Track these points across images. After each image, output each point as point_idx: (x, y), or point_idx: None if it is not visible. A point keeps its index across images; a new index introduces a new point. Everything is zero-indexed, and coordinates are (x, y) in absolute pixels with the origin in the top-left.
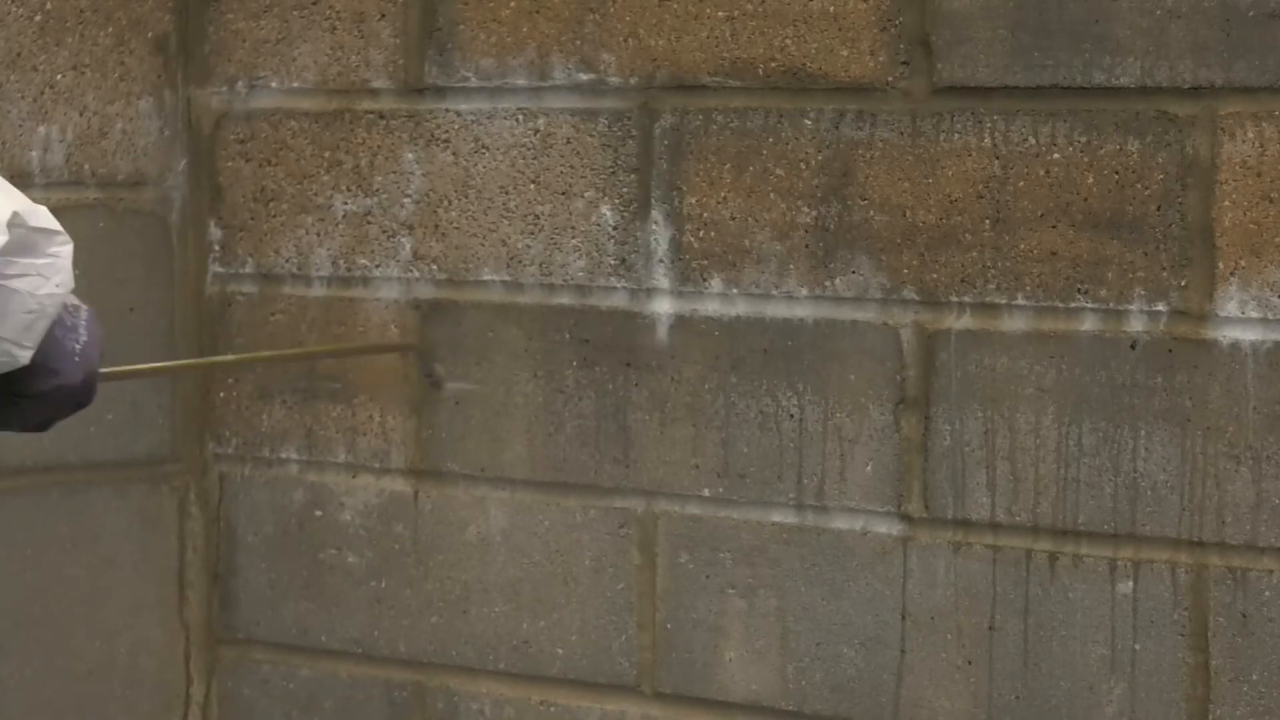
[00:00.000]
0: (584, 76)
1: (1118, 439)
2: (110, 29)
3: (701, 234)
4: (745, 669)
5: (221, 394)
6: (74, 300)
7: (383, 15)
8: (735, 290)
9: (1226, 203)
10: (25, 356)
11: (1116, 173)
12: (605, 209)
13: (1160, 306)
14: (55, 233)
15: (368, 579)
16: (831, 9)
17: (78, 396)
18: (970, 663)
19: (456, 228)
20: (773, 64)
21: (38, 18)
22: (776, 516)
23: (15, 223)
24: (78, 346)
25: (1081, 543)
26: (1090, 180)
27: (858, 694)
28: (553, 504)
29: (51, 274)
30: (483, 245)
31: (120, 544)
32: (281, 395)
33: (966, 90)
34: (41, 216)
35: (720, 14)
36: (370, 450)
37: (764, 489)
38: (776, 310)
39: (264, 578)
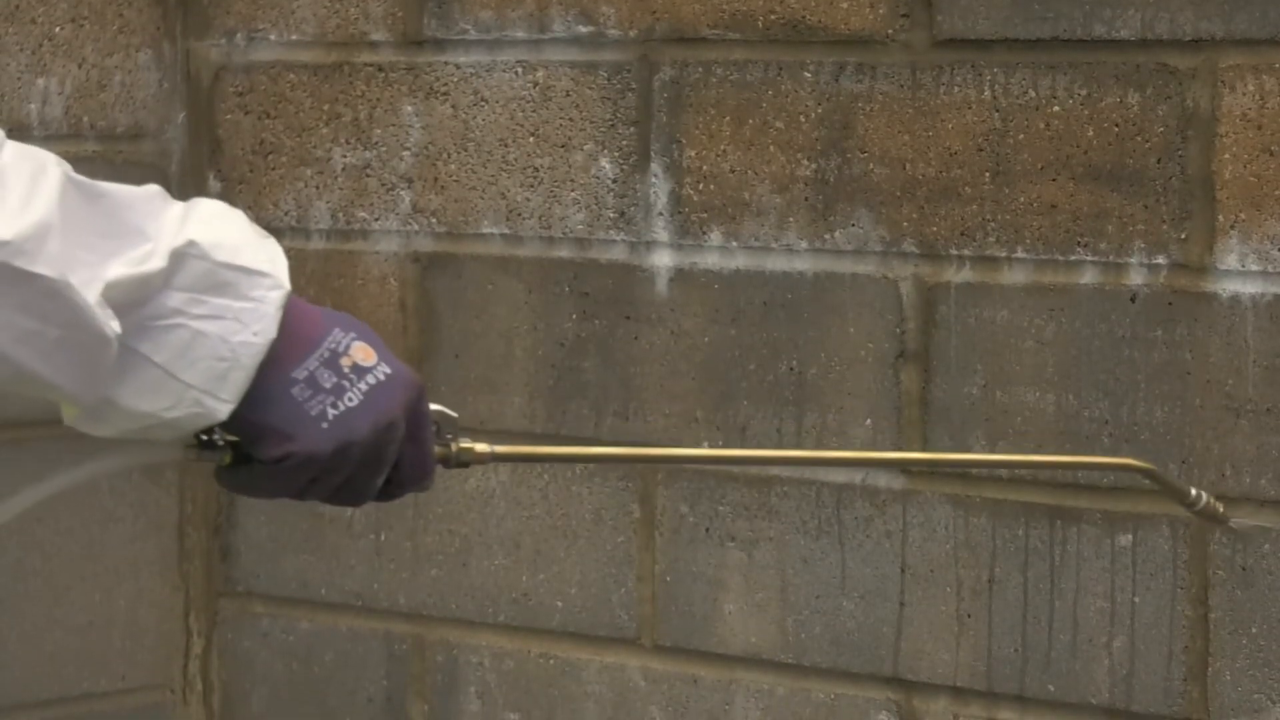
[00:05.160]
0: (583, 29)
1: (1117, 392)
2: None
3: (701, 187)
4: (745, 622)
5: None
6: (365, 360)
7: None
8: (735, 243)
9: (1227, 155)
10: (223, 410)
11: (1116, 125)
12: (605, 162)
13: (1160, 259)
14: (260, 274)
15: (367, 532)
16: None
17: (348, 469)
18: (970, 616)
19: (456, 180)
20: (772, 16)
21: None
22: (776, 469)
23: (193, 253)
24: (333, 411)
25: (1081, 496)
26: (1090, 133)
27: (857, 647)
28: None
29: (250, 320)
30: (482, 198)
31: (120, 497)
32: None
33: (966, 43)
34: (244, 255)
35: None
36: None
37: (764, 442)
38: (776, 263)
39: (264, 531)
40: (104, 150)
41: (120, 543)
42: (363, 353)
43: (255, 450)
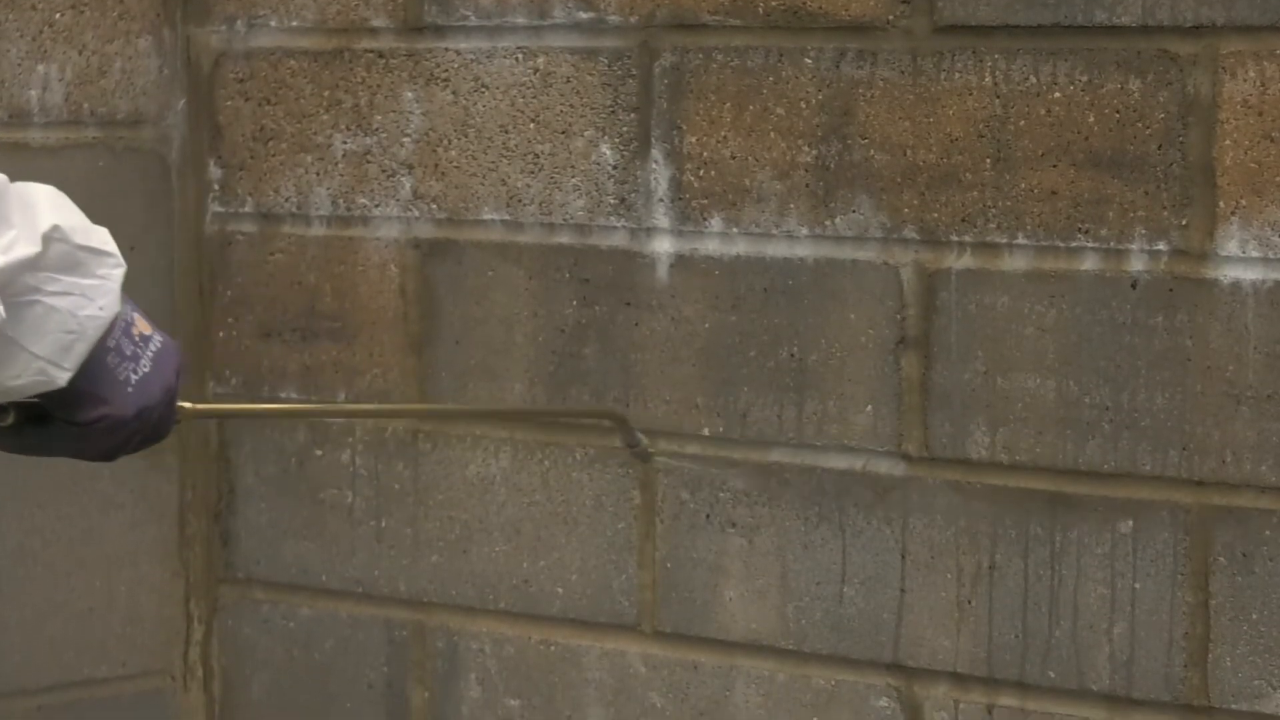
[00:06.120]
0: (584, 15)
1: (1118, 378)
2: None
3: (701, 173)
4: (745, 608)
5: (221, 333)
6: (147, 330)
7: None
8: (735, 229)
9: (1228, 142)
10: (63, 378)
11: (1117, 112)
12: (605, 148)
13: (1161, 246)
14: (106, 254)
15: (368, 518)
16: None
17: (137, 429)
18: (970, 602)
19: (456, 167)
20: (773, 2)
21: None
22: (776, 455)
23: (56, 236)
24: (134, 378)
25: (1081, 482)
26: (1091, 119)
27: (858, 633)
28: (553, 443)
29: (96, 296)
30: (482, 184)
31: (120, 483)
32: (281, 335)
33: (967, 29)
34: (94, 236)
35: None
36: (370, 390)
37: (764, 428)
38: (777, 249)
39: (264, 517)
40: (104, 137)
41: (121, 529)
42: (142, 323)
43: (68, 413)
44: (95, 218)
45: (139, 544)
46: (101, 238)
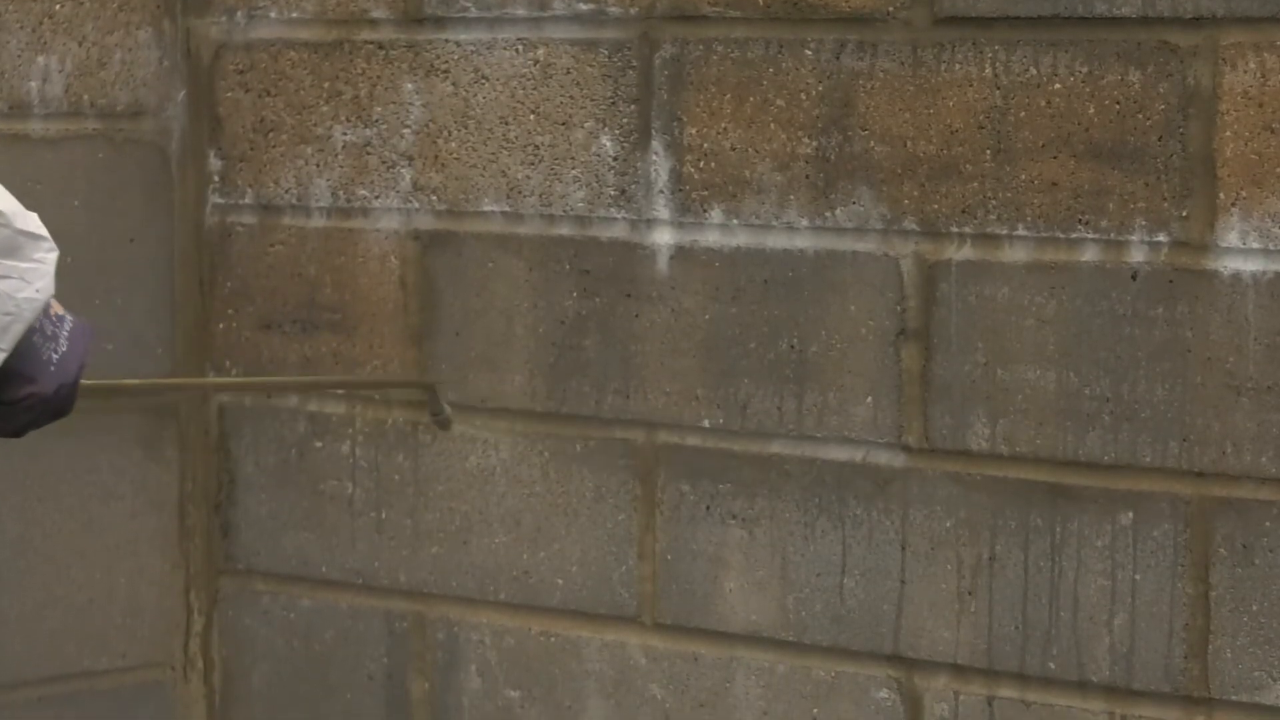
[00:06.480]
0: (584, 6)
1: (1118, 370)
2: None
3: (702, 165)
4: (746, 600)
5: (221, 325)
6: (60, 311)
7: None
8: (736, 221)
9: (1228, 133)
10: None
11: (1118, 103)
12: (605, 139)
13: (1161, 237)
14: (41, 239)
15: (368, 510)
16: None
17: (52, 406)
18: (970, 594)
19: (456, 158)
20: None
21: None
22: (777, 447)
23: (1, 222)
24: (55, 357)
25: (1081, 474)
26: (1091, 110)
27: (858, 624)
28: (553, 435)
29: (33, 279)
30: (483, 176)
31: (120, 475)
32: (281, 326)
33: (968, 20)
34: (30, 221)
35: None
36: None
37: (764, 420)
38: (777, 241)
39: (264, 508)
40: (104, 128)
41: (121, 520)
42: (55, 303)
43: None
44: (96, 209)
45: (139, 536)
46: (35, 222)
